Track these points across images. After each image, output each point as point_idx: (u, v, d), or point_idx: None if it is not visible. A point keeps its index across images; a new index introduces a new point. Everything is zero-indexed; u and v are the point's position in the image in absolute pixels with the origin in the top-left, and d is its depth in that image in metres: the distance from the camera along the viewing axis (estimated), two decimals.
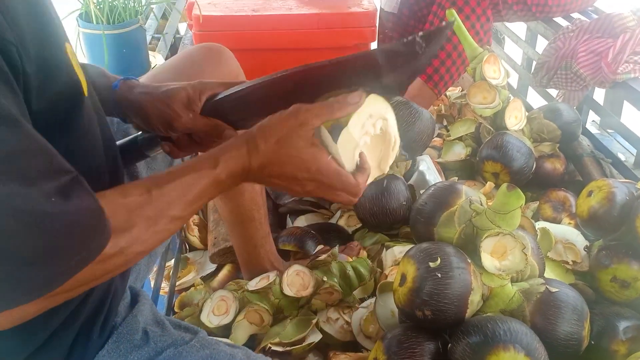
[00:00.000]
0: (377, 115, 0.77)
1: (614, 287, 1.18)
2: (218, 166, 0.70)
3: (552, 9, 1.85)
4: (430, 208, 1.09)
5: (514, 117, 1.55)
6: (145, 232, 0.64)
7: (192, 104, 0.85)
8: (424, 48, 0.72)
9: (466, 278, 0.96)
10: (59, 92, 0.60)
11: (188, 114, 0.85)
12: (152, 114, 0.86)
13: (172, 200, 0.66)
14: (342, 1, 1.90)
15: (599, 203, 1.23)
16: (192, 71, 1.08)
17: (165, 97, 0.86)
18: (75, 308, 0.72)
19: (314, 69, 0.75)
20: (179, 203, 0.67)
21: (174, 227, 0.68)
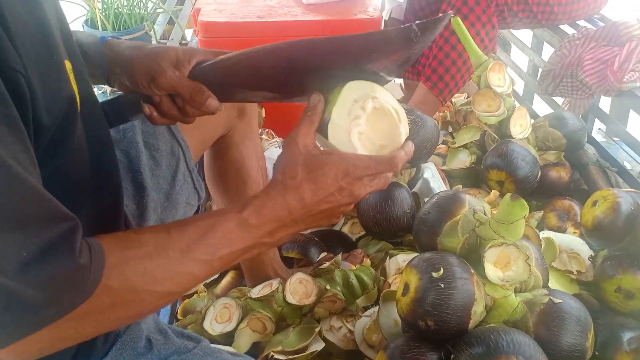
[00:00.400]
0: (363, 97, 0.76)
1: (618, 298, 1.18)
2: (246, 209, 0.67)
3: (557, 16, 1.85)
4: (434, 217, 1.08)
5: (519, 125, 1.54)
6: (163, 269, 0.61)
7: (180, 65, 0.82)
8: (418, 36, 0.71)
9: (469, 289, 0.95)
10: (60, 109, 0.60)
11: (174, 72, 0.81)
12: (138, 68, 0.83)
13: (193, 241, 0.63)
14: (347, 8, 1.90)
15: (604, 213, 1.23)
16: None
17: (153, 53, 0.83)
18: None
19: (308, 44, 0.73)
20: (201, 245, 0.63)
21: (197, 271, 0.64)
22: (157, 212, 0.99)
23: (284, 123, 1.95)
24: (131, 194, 0.95)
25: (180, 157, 1.05)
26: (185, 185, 1.06)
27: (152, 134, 1.01)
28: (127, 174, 0.96)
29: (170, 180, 1.03)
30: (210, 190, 1.23)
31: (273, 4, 1.94)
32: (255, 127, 1.26)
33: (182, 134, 1.05)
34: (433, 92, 1.82)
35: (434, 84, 1.81)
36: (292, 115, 1.96)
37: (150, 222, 0.96)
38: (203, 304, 1.20)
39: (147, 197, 0.97)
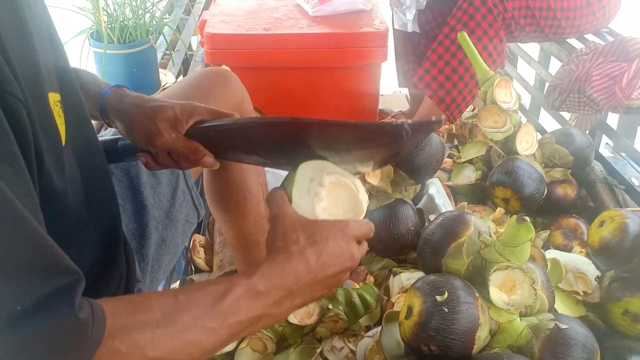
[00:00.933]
0: (318, 174, 0.77)
1: (625, 321, 1.16)
2: (254, 275, 0.66)
3: (565, 31, 1.83)
4: (438, 238, 1.07)
5: (525, 141, 1.53)
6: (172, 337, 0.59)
7: (177, 124, 0.83)
8: (410, 135, 0.73)
9: (473, 313, 0.94)
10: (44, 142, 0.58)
11: (171, 134, 0.83)
12: (136, 127, 0.84)
13: (201, 307, 0.61)
14: (354, 21, 1.89)
15: (611, 234, 1.21)
16: (198, 95, 1.08)
17: (152, 112, 0.83)
18: None
19: (302, 124, 0.75)
20: (210, 312, 0.62)
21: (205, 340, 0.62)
22: (158, 230, 0.98)
23: None
24: (131, 213, 0.95)
25: (180, 175, 1.05)
26: (184, 202, 1.05)
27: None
28: (128, 193, 0.95)
29: (170, 197, 1.03)
30: (210, 206, 1.22)
31: (279, 15, 1.93)
32: None
33: None
34: (440, 107, 1.81)
35: (441, 99, 1.80)
36: None
37: (151, 240, 0.96)
38: None
39: (147, 216, 0.96)
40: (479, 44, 1.73)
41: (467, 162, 1.70)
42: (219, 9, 1.99)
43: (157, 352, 0.57)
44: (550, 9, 1.75)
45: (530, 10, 1.75)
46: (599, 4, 1.80)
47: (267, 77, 1.85)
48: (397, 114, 2.34)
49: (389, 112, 2.41)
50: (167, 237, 1.01)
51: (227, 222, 1.21)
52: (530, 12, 1.75)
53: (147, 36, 1.45)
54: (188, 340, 0.60)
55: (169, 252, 1.01)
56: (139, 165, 0.98)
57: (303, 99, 1.93)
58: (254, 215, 1.20)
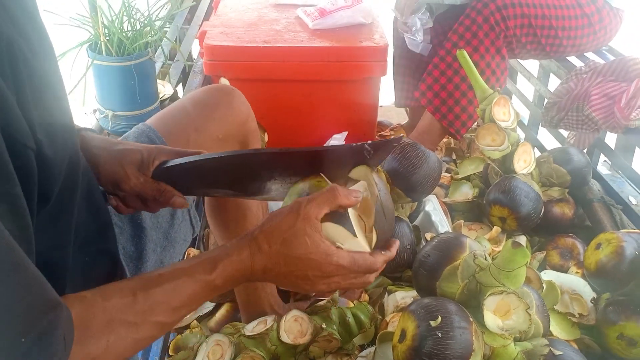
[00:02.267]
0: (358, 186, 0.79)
1: (620, 345, 1.15)
2: (215, 271, 0.67)
3: (566, 49, 1.84)
4: (433, 261, 1.06)
5: (522, 160, 1.52)
6: (124, 340, 0.60)
7: (144, 167, 0.84)
8: (371, 154, 0.78)
9: (467, 339, 0.93)
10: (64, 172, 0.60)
11: (139, 177, 0.83)
12: (103, 171, 0.84)
13: (157, 304, 0.63)
14: (354, 35, 1.89)
15: (607, 257, 1.21)
16: (202, 113, 1.08)
17: (119, 156, 0.84)
18: None
19: (262, 154, 0.80)
20: (165, 309, 0.64)
21: (157, 333, 0.65)
22: (156, 252, 0.97)
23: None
24: (130, 235, 0.94)
25: None
26: (183, 222, 1.04)
27: None
28: (126, 216, 0.94)
29: (169, 218, 1.02)
30: (209, 223, 1.22)
31: (280, 28, 1.93)
32: None
33: None
34: (443, 123, 1.80)
35: (444, 115, 1.80)
36: (295, 141, 1.96)
37: (149, 263, 0.95)
38: (195, 340, 1.18)
39: (145, 238, 0.95)
40: (481, 61, 1.73)
41: (465, 179, 1.70)
42: (219, 20, 1.99)
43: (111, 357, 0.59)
44: (552, 27, 1.76)
45: (532, 29, 1.75)
46: (600, 24, 1.80)
47: (266, 89, 1.85)
48: (396, 127, 2.33)
49: (388, 125, 2.41)
50: (165, 258, 1.00)
51: (225, 239, 1.20)
52: (532, 30, 1.75)
53: (145, 48, 1.45)
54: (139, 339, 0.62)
55: None
56: None
57: (302, 111, 1.93)
58: None
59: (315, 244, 0.70)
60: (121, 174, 0.83)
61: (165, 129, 1.04)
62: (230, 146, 1.13)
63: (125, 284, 0.64)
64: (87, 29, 1.42)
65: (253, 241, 0.70)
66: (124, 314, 0.60)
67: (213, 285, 0.67)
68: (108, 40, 1.40)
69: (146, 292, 0.63)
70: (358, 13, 1.94)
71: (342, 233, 0.73)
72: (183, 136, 1.04)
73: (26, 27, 0.55)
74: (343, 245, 0.73)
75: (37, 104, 0.53)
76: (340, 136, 1.86)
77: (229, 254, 0.69)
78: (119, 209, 0.88)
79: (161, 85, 1.73)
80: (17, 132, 0.50)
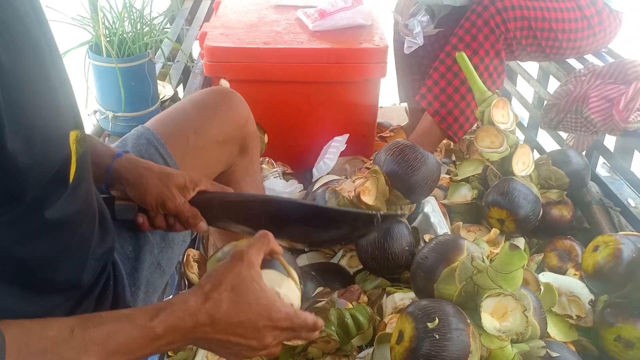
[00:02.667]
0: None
1: (617, 347, 1.16)
2: (156, 318, 0.65)
3: (566, 52, 1.84)
4: (431, 263, 1.07)
5: (521, 162, 1.53)
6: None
7: (185, 191, 0.91)
8: (380, 224, 0.91)
9: (464, 340, 0.94)
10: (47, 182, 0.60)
11: (181, 198, 0.90)
12: (151, 189, 0.89)
13: (92, 344, 0.61)
14: (354, 36, 1.90)
15: (605, 259, 1.21)
16: (202, 115, 1.08)
17: (165, 177, 0.90)
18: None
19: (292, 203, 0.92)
20: (99, 351, 0.61)
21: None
22: (153, 254, 0.98)
23: (285, 149, 1.95)
24: (127, 235, 0.95)
25: None
26: None
27: None
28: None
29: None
30: (212, 233, 1.23)
31: (280, 29, 1.94)
32: (256, 163, 1.26)
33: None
34: (442, 126, 1.80)
35: (443, 118, 1.80)
36: (295, 142, 1.97)
37: (145, 264, 0.96)
38: None
39: (143, 240, 0.96)
40: (481, 64, 1.73)
41: (464, 181, 1.70)
42: (219, 21, 1.99)
43: None
44: (552, 30, 1.76)
45: (532, 31, 1.75)
46: (600, 26, 1.81)
47: (265, 90, 1.85)
48: (396, 128, 2.34)
49: (388, 126, 2.41)
50: (163, 260, 1.01)
51: (224, 240, 1.21)
52: (532, 33, 1.76)
53: (146, 50, 1.46)
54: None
55: (164, 275, 1.01)
56: None
57: (301, 113, 1.93)
58: None
59: (262, 290, 0.70)
60: (167, 194, 0.89)
61: (165, 131, 1.04)
62: (230, 148, 1.14)
63: (66, 319, 0.63)
64: (88, 30, 1.43)
65: (199, 290, 0.68)
66: (59, 347, 0.59)
67: (153, 334, 0.64)
68: (109, 41, 1.41)
69: (84, 330, 0.61)
70: (358, 14, 1.95)
71: (277, 277, 0.76)
72: (182, 138, 1.04)
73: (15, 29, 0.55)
74: (280, 289, 0.75)
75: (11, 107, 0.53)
76: (341, 138, 1.87)
77: (173, 302, 0.67)
78: (144, 226, 0.92)
79: (161, 87, 1.74)
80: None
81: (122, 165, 0.91)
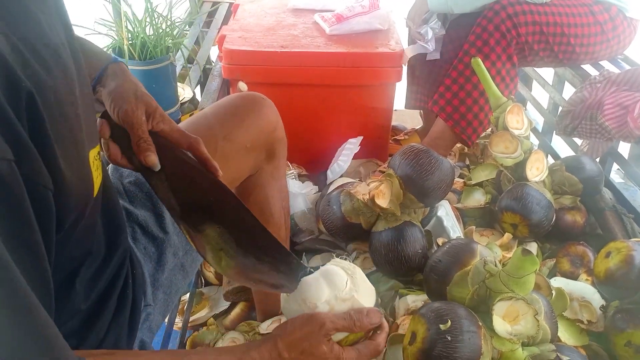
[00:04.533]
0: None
1: (628, 352, 1.17)
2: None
3: (579, 57, 1.85)
4: (444, 266, 1.09)
5: (535, 168, 1.54)
6: None
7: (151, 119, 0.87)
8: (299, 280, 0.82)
9: (476, 342, 0.96)
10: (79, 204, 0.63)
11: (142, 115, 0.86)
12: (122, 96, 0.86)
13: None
14: (370, 41, 1.92)
15: (617, 265, 1.22)
16: (232, 121, 1.09)
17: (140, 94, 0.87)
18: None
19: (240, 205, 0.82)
20: None
21: None
22: (177, 256, 0.99)
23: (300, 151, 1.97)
24: (152, 236, 0.97)
25: None
26: None
27: None
28: (151, 217, 0.98)
29: None
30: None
31: (297, 33, 1.97)
32: (282, 168, 1.26)
33: None
34: (455, 130, 1.82)
35: (456, 123, 1.82)
36: (310, 144, 1.99)
37: (168, 265, 0.97)
38: (212, 337, 1.22)
39: (167, 242, 0.98)
40: (492, 68, 1.75)
41: (477, 185, 1.72)
42: (237, 25, 2.02)
43: None
44: (564, 35, 1.77)
45: (544, 36, 1.76)
46: (613, 32, 1.81)
47: (282, 93, 1.88)
48: (410, 131, 2.36)
49: (402, 129, 2.43)
50: (187, 262, 1.02)
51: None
52: (544, 38, 1.77)
53: (167, 52, 1.49)
54: None
55: (187, 276, 1.03)
56: None
57: (317, 115, 1.96)
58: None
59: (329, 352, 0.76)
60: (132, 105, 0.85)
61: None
62: (257, 154, 1.15)
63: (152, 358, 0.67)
64: (111, 34, 1.46)
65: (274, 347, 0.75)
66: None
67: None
68: (131, 44, 1.44)
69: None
70: (375, 19, 1.97)
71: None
72: (211, 144, 1.04)
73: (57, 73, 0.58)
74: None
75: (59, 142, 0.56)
76: (355, 141, 1.89)
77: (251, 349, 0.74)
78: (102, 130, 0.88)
79: (181, 89, 1.77)
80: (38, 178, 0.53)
81: (113, 70, 0.89)
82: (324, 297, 0.79)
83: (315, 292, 0.79)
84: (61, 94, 0.58)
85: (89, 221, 0.69)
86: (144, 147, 0.84)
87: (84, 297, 0.75)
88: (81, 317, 0.76)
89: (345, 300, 0.79)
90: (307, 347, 0.74)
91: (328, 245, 1.58)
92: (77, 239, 0.69)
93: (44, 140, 0.54)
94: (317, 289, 0.80)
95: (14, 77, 0.51)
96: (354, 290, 0.81)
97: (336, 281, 0.81)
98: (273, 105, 1.17)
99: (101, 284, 0.79)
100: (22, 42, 0.53)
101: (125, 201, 0.97)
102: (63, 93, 0.59)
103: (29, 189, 0.51)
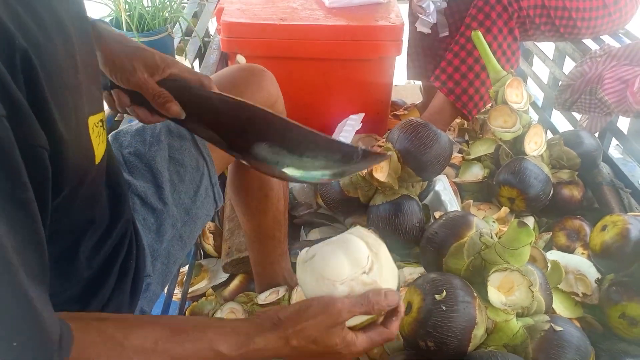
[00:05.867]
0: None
1: (622, 324, 1.18)
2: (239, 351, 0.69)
3: (581, 31, 1.83)
4: (441, 238, 1.10)
5: (533, 142, 1.54)
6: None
7: (155, 70, 0.86)
8: (359, 158, 0.79)
9: (471, 312, 0.97)
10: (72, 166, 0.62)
11: (144, 74, 0.85)
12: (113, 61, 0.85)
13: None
14: (369, 14, 1.90)
15: (612, 239, 1.23)
16: (231, 92, 1.06)
17: (131, 52, 0.86)
18: None
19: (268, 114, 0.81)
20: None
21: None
22: (176, 227, 0.99)
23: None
24: (152, 207, 0.97)
25: (205, 173, 1.05)
26: (206, 199, 1.05)
27: (178, 149, 1.02)
28: (150, 187, 0.97)
29: (192, 195, 1.03)
30: (232, 200, 1.25)
31: (296, 6, 1.95)
32: None
33: (208, 150, 1.05)
34: (457, 105, 1.81)
35: (458, 97, 1.81)
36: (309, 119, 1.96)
37: (166, 236, 0.98)
38: (210, 307, 1.23)
39: (166, 213, 0.98)
40: (494, 42, 1.74)
41: (476, 160, 1.72)
42: None
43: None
44: (566, 8, 1.75)
45: (545, 10, 1.75)
46: (615, 6, 1.80)
47: (281, 66, 1.87)
48: (410, 106, 2.35)
49: (402, 104, 2.43)
50: (185, 233, 1.01)
51: (246, 215, 1.23)
52: (546, 11, 1.75)
53: (165, 24, 1.48)
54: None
55: (186, 247, 1.03)
56: (164, 160, 1.00)
57: (317, 89, 1.95)
58: (273, 212, 1.23)
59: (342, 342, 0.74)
60: (128, 69, 0.85)
61: None
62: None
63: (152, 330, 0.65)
64: (108, 5, 1.45)
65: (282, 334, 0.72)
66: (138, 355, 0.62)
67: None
68: (129, 16, 1.43)
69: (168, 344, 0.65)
70: None
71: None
72: None
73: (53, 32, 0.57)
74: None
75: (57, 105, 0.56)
76: (357, 117, 1.88)
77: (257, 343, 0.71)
78: (122, 101, 0.89)
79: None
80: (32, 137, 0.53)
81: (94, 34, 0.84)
82: (344, 276, 0.75)
83: (334, 268, 0.75)
84: (60, 57, 0.58)
85: (92, 189, 0.70)
86: (161, 101, 0.85)
87: (87, 265, 0.76)
88: (84, 284, 0.76)
89: (366, 284, 0.75)
90: (319, 336, 0.72)
91: (326, 219, 1.59)
92: (80, 207, 0.69)
93: (41, 100, 0.54)
94: (336, 265, 0.75)
95: (7, 33, 0.50)
96: (377, 275, 0.76)
97: (358, 257, 0.76)
98: (273, 77, 1.16)
99: (104, 253, 0.79)
100: (21, 4, 0.53)
101: (124, 172, 0.97)
102: (62, 57, 0.58)
103: (22, 147, 0.50)
